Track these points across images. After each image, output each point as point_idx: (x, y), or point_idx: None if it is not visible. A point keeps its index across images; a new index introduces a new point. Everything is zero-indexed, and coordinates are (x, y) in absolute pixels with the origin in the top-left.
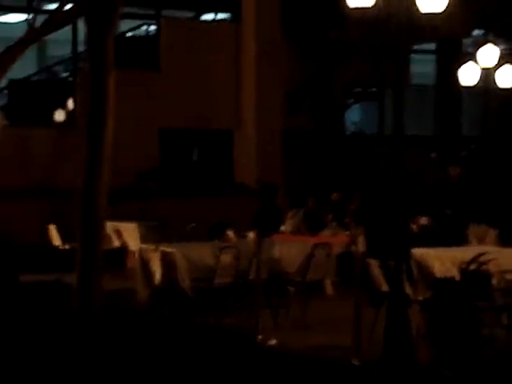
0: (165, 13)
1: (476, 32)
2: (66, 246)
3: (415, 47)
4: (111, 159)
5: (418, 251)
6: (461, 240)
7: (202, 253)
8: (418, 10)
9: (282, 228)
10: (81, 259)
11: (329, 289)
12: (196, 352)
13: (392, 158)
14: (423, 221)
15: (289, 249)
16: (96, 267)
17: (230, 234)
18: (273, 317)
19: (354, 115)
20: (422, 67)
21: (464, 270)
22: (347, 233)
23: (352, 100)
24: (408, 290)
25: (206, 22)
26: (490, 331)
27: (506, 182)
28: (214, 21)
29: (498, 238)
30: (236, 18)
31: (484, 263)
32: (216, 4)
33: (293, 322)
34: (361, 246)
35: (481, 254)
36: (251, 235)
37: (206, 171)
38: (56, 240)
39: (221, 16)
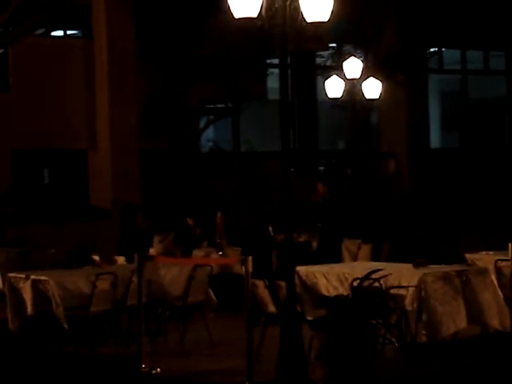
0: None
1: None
2: None
3: (269, 61)
4: None
5: (302, 269)
6: (337, 256)
7: (76, 280)
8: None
9: (151, 251)
10: None
11: (209, 311)
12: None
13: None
14: (301, 238)
15: (168, 272)
16: None
17: (119, 258)
18: (152, 343)
19: (208, 132)
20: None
21: (357, 287)
22: (220, 253)
23: (212, 117)
24: (271, 308)
25: (56, 37)
26: (384, 348)
27: (372, 196)
28: (64, 36)
29: (371, 253)
30: (88, 35)
31: (377, 280)
32: (66, 20)
33: (174, 347)
34: (249, 266)
35: (373, 271)
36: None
37: (60, 194)
38: None
39: (71, 32)
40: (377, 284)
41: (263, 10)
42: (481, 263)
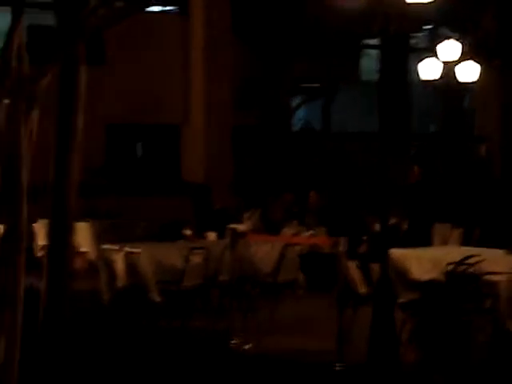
0: None
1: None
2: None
3: (364, 42)
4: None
5: (395, 252)
6: (427, 240)
7: (169, 253)
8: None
9: (241, 227)
10: (49, 260)
11: (300, 290)
12: (166, 356)
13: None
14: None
15: (259, 249)
16: (66, 269)
17: (210, 234)
18: (242, 320)
19: (300, 111)
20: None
21: (451, 271)
22: (310, 232)
23: (305, 96)
24: (363, 289)
25: (152, 13)
26: (477, 334)
27: (465, 180)
28: (161, 12)
29: (462, 238)
30: (184, 11)
31: (472, 265)
32: None
33: (264, 324)
34: (342, 246)
35: (469, 256)
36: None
37: (153, 168)
38: None
39: (169, 8)
40: (472, 269)
41: None
42: None
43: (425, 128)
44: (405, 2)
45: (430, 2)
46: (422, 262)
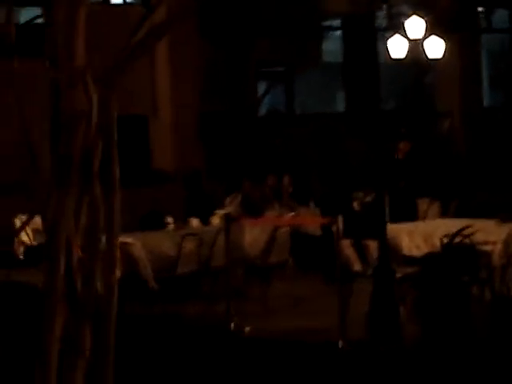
0: None
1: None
2: None
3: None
4: None
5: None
6: (412, 215)
7: (162, 242)
8: None
9: (222, 212)
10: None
11: (290, 270)
12: (164, 343)
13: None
14: (368, 198)
15: (249, 232)
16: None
17: (193, 221)
18: (237, 303)
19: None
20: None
21: (448, 244)
22: (292, 213)
23: (270, 81)
24: (357, 267)
25: (115, 5)
26: (476, 305)
27: (431, 155)
28: (123, 4)
29: (441, 211)
30: (147, 2)
31: (467, 236)
32: None
33: (258, 307)
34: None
35: (464, 228)
36: (216, 219)
37: (123, 158)
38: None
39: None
40: (467, 241)
41: None
42: None
43: (386, 104)
44: None
45: None
46: (413, 238)
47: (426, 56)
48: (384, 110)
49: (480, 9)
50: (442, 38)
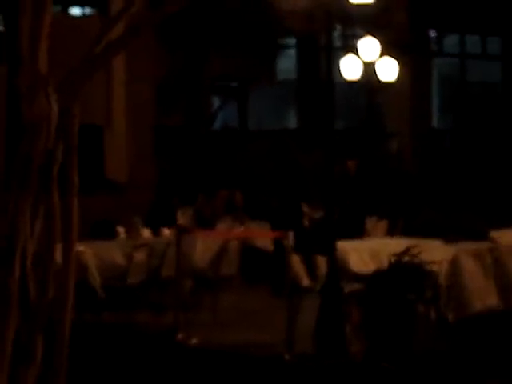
0: None
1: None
2: None
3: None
4: None
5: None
6: (360, 232)
7: (113, 251)
8: None
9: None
10: None
11: (238, 283)
12: (111, 352)
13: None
14: (317, 214)
15: (201, 244)
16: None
17: (145, 231)
18: (185, 315)
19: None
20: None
21: (395, 262)
22: (243, 227)
23: (224, 97)
24: (306, 282)
25: (73, 16)
26: (422, 324)
27: (381, 174)
28: (83, 15)
29: (388, 230)
30: (104, 12)
31: (415, 255)
32: None
33: (206, 319)
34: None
35: (412, 247)
36: (166, 231)
37: (78, 167)
38: None
39: (88, 10)
40: (414, 260)
41: None
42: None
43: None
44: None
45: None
46: (361, 255)
47: (378, 77)
48: (336, 129)
49: (432, 33)
50: (395, 59)
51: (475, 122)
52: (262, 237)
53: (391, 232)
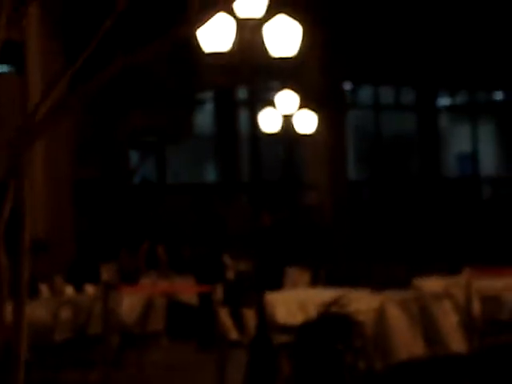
0: None
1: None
2: None
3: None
4: None
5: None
6: (278, 283)
7: (36, 309)
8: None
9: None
10: None
11: (165, 339)
12: None
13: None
14: (241, 266)
15: (127, 300)
16: None
17: (67, 288)
18: (113, 371)
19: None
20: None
21: (324, 313)
22: (168, 281)
23: (143, 151)
24: (234, 335)
25: None
26: (351, 374)
27: (300, 225)
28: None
29: (311, 280)
30: (20, 71)
31: (343, 306)
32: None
33: (135, 375)
34: (219, 294)
35: (340, 297)
36: (90, 288)
37: None
38: None
39: (4, 69)
40: (342, 310)
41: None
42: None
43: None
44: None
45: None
46: (288, 306)
47: (295, 130)
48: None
49: (347, 85)
50: (313, 111)
51: (391, 172)
52: (189, 292)
53: (315, 282)
